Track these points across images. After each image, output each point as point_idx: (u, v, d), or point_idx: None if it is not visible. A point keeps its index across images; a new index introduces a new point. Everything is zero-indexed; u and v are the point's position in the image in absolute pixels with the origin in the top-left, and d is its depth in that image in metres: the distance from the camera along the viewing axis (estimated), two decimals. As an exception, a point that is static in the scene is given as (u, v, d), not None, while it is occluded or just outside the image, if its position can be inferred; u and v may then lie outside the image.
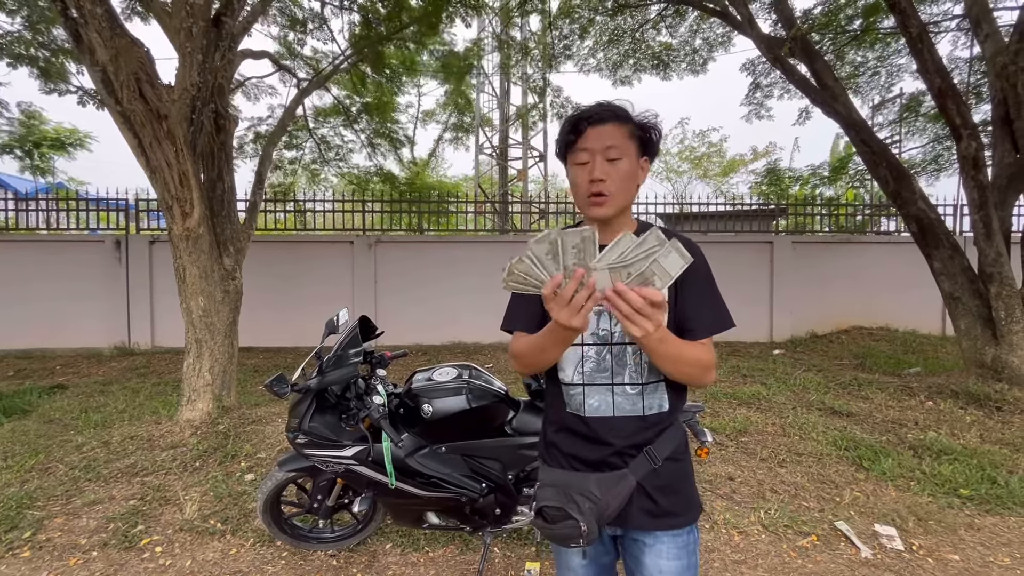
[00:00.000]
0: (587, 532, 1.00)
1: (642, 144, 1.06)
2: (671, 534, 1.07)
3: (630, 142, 1.03)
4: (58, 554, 2.37)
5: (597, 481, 1.04)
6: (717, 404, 4.37)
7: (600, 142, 1.01)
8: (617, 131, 1.02)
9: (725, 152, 16.99)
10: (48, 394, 4.96)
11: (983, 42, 4.58)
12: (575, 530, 1.00)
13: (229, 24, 3.95)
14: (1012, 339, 4.35)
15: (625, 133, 1.02)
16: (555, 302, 0.84)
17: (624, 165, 1.02)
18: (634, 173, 1.05)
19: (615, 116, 1.02)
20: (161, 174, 3.58)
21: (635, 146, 1.04)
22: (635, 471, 1.05)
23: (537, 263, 0.83)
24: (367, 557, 2.36)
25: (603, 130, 1.01)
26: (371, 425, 2.03)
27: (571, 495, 1.03)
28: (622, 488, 1.04)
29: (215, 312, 3.98)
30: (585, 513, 1.00)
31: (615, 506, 1.03)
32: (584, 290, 0.82)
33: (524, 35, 9.67)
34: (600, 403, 1.07)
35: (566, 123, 1.06)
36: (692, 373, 1.01)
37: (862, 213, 9.19)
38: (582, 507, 1.01)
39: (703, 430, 2.09)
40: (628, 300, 0.80)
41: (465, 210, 9.10)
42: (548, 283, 0.83)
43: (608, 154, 1.01)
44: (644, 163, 1.07)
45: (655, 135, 1.07)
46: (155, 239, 7.11)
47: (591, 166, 1.02)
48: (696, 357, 1.00)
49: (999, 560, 2.29)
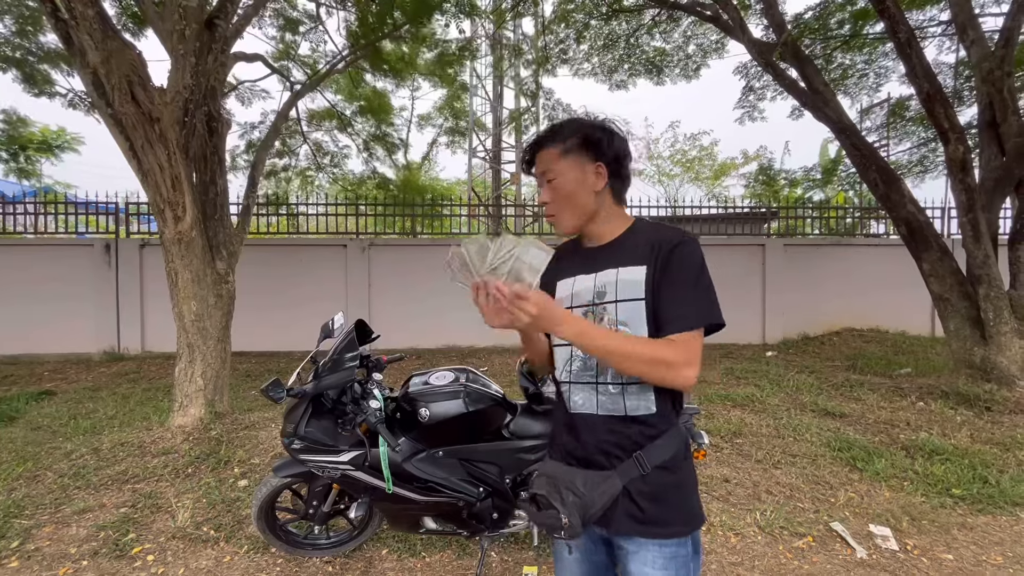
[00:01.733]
0: (568, 525, 1.01)
1: (591, 150, 1.08)
2: (657, 543, 1.04)
3: (563, 159, 1.08)
4: (47, 564, 2.33)
5: (583, 477, 1.05)
6: (712, 406, 4.39)
7: (540, 169, 1.11)
8: (547, 155, 1.10)
9: (716, 156, 17.14)
10: (36, 400, 4.88)
11: (969, 47, 4.66)
12: (557, 521, 1.02)
13: (222, 27, 3.92)
14: (1000, 340, 4.41)
15: (556, 153, 1.08)
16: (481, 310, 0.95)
17: (562, 183, 1.08)
18: (575, 185, 1.08)
19: (544, 141, 1.11)
20: (153, 177, 3.55)
21: (574, 159, 1.08)
22: (622, 475, 1.04)
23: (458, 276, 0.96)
24: (363, 563, 2.34)
25: (541, 156, 1.11)
26: (368, 430, 2.02)
27: (558, 487, 1.05)
28: (607, 488, 1.03)
29: (208, 316, 3.94)
30: (567, 506, 1.01)
31: (599, 505, 1.03)
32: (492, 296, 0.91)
33: (517, 38, 9.72)
34: (584, 401, 1.09)
35: (520, 160, 1.17)
36: (647, 371, 0.97)
37: (852, 216, 9.30)
38: (566, 500, 1.02)
39: (699, 432, 2.10)
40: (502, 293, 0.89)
41: (459, 213, 9.09)
42: (470, 292, 0.95)
43: (546, 177, 1.10)
44: (599, 168, 1.08)
45: (600, 135, 1.08)
46: (145, 243, 7.04)
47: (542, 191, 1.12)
48: (643, 354, 0.96)
49: (992, 559, 2.31)
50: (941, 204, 8.36)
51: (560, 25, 7.22)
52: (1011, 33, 4.47)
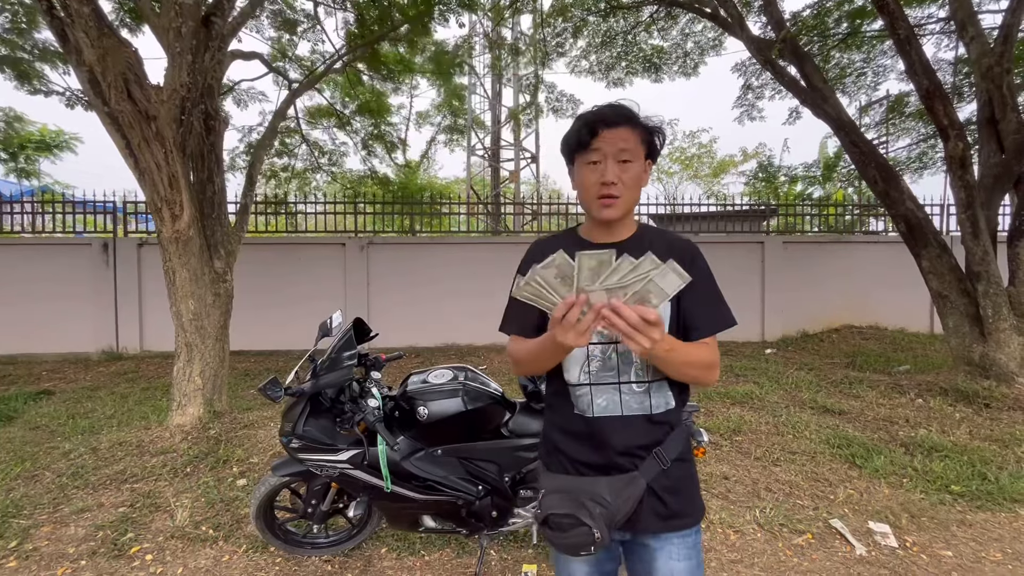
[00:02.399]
0: (599, 539, 0.97)
1: (649, 148, 1.07)
2: (680, 535, 1.06)
3: (640, 146, 1.05)
4: (46, 564, 2.32)
5: (608, 485, 1.02)
6: (711, 404, 4.39)
7: (614, 145, 1.02)
8: (630, 135, 1.03)
9: (715, 153, 17.14)
10: (34, 400, 4.86)
11: (968, 44, 4.64)
12: (588, 537, 0.97)
13: (219, 24, 3.90)
14: (999, 336, 4.41)
15: (637, 137, 1.04)
16: (560, 325, 0.85)
17: (634, 168, 1.04)
18: (641, 174, 1.06)
19: (629, 120, 1.04)
20: (150, 176, 3.53)
21: (644, 150, 1.06)
22: (645, 473, 1.04)
23: (546, 287, 0.85)
24: (362, 562, 2.33)
25: (617, 133, 1.02)
26: (366, 428, 2.01)
27: (581, 501, 1.00)
28: (633, 491, 1.02)
29: (206, 315, 3.93)
30: (596, 519, 0.97)
31: (625, 511, 1.01)
32: (590, 313, 0.84)
33: (515, 35, 9.68)
34: (608, 402, 1.06)
35: (580, 124, 1.05)
36: (698, 375, 1.02)
37: (851, 213, 9.29)
38: (593, 512, 0.98)
39: (699, 430, 2.09)
40: (624, 317, 0.82)
41: (458, 211, 9.07)
42: (560, 306, 0.85)
43: (620, 157, 1.02)
44: (648, 166, 1.09)
45: (660, 139, 1.08)
46: (143, 242, 7.02)
47: (603, 167, 1.02)
48: (701, 359, 1.01)
49: (991, 556, 2.31)
50: (940, 201, 8.37)
51: (558, 19, 7.18)
52: (1010, 30, 4.46)
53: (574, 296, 0.84)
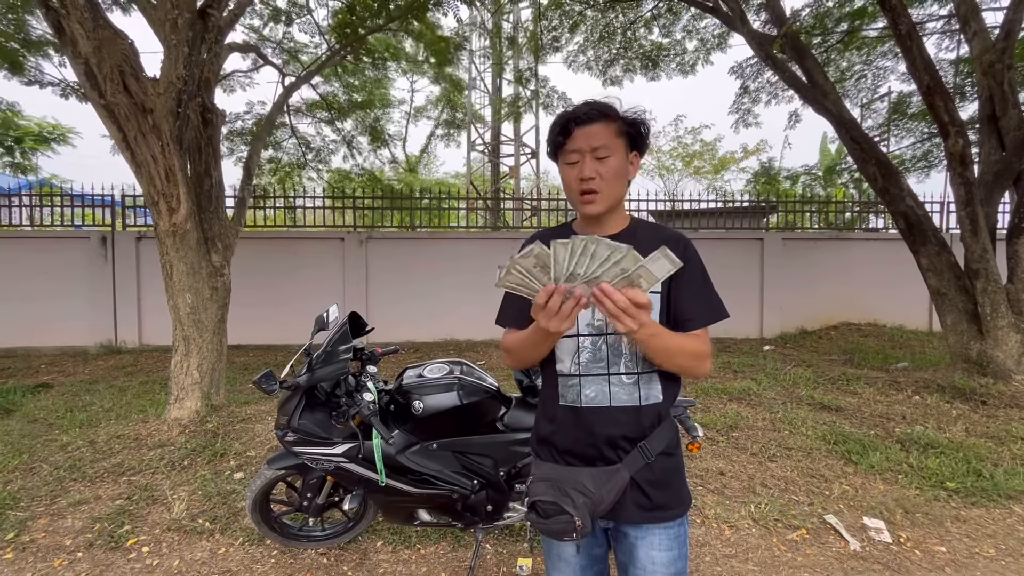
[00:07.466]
0: (580, 527, 1.00)
1: (631, 139, 1.08)
2: (662, 526, 1.08)
3: (618, 139, 1.05)
4: (42, 555, 2.33)
5: (591, 476, 1.05)
6: (708, 399, 4.40)
7: (588, 142, 1.03)
8: (604, 130, 1.04)
9: (717, 150, 17.08)
10: (32, 393, 4.87)
11: (970, 40, 4.62)
12: (569, 524, 1.01)
13: (215, 16, 3.88)
14: (997, 334, 4.42)
15: (612, 131, 1.05)
16: (543, 312, 0.88)
17: (612, 162, 1.04)
18: (623, 169, 1.07)
19: (602, 115, 1.04)
20: (147, 169, 3.52)
21: (624, 143, 1.06)
22: (629, 466, 1.05)
23: (527, 274, 0.87)
24: (358, 555, 2.34)
25: (591, 130, 1.03)
26: (361, 422, 2.01)
27: (564, 489, 1.03)
28: (616, 483, 1.04)
29: (203, 309, 3.93)
30: (579, 508, 1.01)
31: (608, 501, 1.04)
32: (570, 300, 0.86)
33: (513, 25, 9.59)
34: (597, 393, 1.07)
35: (555, 124, 1.07)
36: (686, 364, 1.03)
37: (851, 210, 9.28)
38: (576, 501, 1.01)
39: (694, 425, 2.09)
40: (614, 300, 0.84)
41: (457, 207, 9.05)
42: (540, 293, 0.87)
43: (596, 153, 1.03)
44: (634, 158, 1.10)
45: (644, 130, 1.08)
46: (142, 235, 7.00)
47: (580, 165, 1.04)
48: (689, 348, 1.02)
49: (984, 551, 2.32)
50: (940, 198, 8.35)
51: (555, 12, 7.12)
52: (1012, 26, 4.44)
53: (553, 284, 0.86)
